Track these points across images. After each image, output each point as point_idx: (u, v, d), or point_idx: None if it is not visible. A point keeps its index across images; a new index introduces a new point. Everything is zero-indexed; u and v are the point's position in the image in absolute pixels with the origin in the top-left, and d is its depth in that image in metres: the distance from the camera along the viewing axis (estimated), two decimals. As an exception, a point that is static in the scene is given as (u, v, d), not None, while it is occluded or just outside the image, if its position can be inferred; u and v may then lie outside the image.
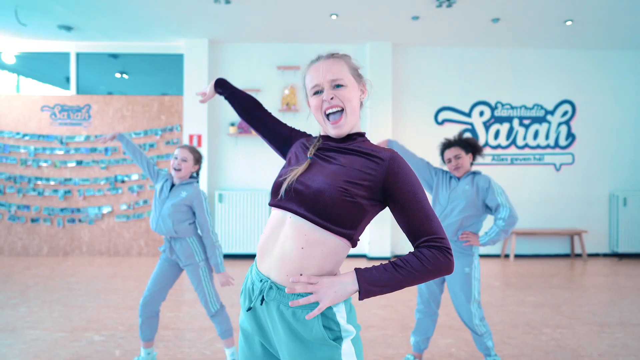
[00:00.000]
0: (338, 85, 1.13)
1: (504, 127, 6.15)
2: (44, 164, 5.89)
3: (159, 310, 2.57)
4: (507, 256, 6.10)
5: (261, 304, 1.05)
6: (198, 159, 2.58)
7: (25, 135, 5.88)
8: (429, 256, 0.99)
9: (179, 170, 2.48)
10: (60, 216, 5.90)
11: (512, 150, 6.17)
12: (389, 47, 5.90)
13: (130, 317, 3.51)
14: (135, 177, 5.95)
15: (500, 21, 5.02)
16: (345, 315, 1.03)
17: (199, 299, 2.62)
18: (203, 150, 5.71)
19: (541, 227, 6.10)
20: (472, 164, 2.58)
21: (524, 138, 6.17)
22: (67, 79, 6.21)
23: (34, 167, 5.89)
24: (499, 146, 6.16)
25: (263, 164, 5.88)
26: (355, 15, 4.87)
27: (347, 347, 1.02)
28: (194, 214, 2.52)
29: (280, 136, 1.35)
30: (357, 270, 1.00)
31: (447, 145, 2.57)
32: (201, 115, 5.79)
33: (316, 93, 1.15)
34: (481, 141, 6.14)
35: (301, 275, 1.00)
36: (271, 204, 1.12)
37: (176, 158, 2.50)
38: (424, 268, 0.99)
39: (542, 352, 2.89)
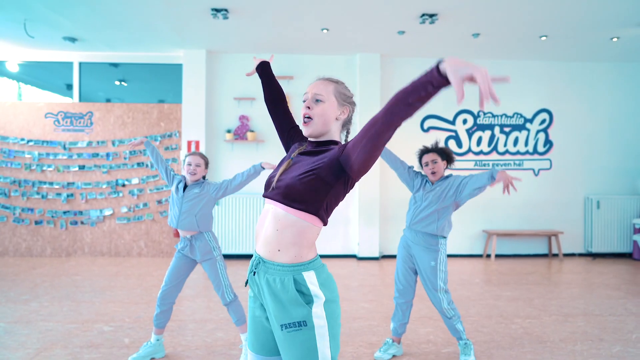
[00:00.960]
0: (317, 100, 1.41)
1: (486, 135, 6.52)
2: (48, 169, 6.15)
3: (174, 302, 2.87)
4: (488, 256, 6.46)
5: (253, 275, 1.36)
6: (207, 163, 2.96)
7: (29, 141, 6.14)
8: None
9: (194, 174, 2.84)
10: (63, 218, 6.16)
11: (494, 156, 6.54)
12: (378, 58, 6.25)
13: (135, 310, 3.79)
14: (135, 181, 6.22)
15: (481, 36, 5.38)
16: (317, 282, 1.30)
17: (214, 289, 2.90)
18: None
19: (521, 229, 6.46)
20: (445, 169, 2.92)
21: (505, 145, 6.54)
22: (68, 87, 6.48)
23: (38, 171, 6.14)
24: (481, 152, 6.52)
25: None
26: (345, 29, 5.21)
27: (317, 310, 1.27)
28: (210, 204, 2.86)
29: (287, 134, 1.69)
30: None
31: (424, 151, 2.92)
32: (199, 122, 6.09)
33: (304, 101, 1.44)
34: (464, 148, 6.51)
35: (279, 250, 1.32)
36: (263, 195, 1.42)
37: (190, 165, 2.84)
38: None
39: (511, 338, 3.22)
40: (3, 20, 4.86)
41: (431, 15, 4.67)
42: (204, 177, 2.93)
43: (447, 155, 2.92)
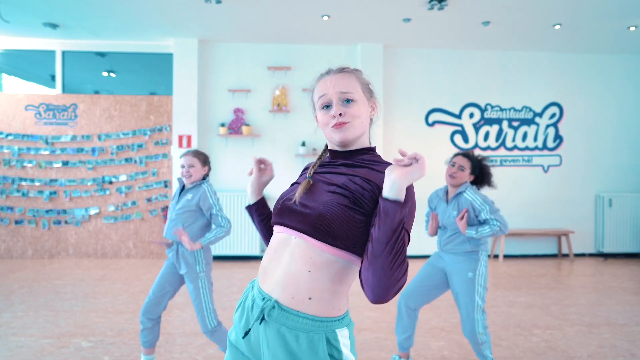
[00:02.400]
0: (348, 100, 1.09)
1: (494, 129, 6.21)
2: (29, 165, 5.77)
3: (160, 317, 2.52)
4: (496, 257, 6.16)
5: (260, 322, 0.99)
6: (205, 161, 2.59)
7: (8, 134, 5.75)
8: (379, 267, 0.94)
9: (190, 176, 2.51)
10: (45, 218, 5.78)
11: (502, 151, 6.22)
12: (380, 48, 5.91)
13: (119, 321, 3.45)
14: (123, 177, 5.86)
15: (491, 24, 5.05)
16: (349, 343, 1.00)
17: (195, 313, 2.54)
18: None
19: (529, 228, 6.17)
20: (471, 183, 2.58)
21: (513, 140, 6.23)
22: (53, 78, 6.09)
23: (18, 167, 5.76)
24: (488, 147, 6.21)
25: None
26: (346, 16, 4.86)
27: None
28: (204, 215, 2.52)
29: None
30: None
31: (462, 154, 2.60)
32: (191, 116, 5.73)
33: (325, 107, 1.12)
34: (471, 143, 6.19)
35: (310, 298, 0.97)
36: (275, 222, 1.09)
37: (183, 167, 2.52)
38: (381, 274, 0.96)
39: (534, 353, 2.92)
40: (-25, 3, 4.46)
41: (440, 1, 4.33)
42: (205, 177, 2.59)
43: (480, 171, 2.60)
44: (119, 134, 5.85)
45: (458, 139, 6.16)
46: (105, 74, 6.27)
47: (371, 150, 1.15)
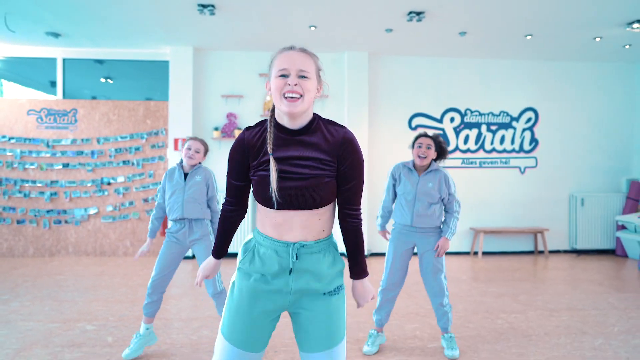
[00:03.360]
0: (303, 77, 1.29)
1: (473, 133, 6.57)
2: (30, 167, 6.03)
3: (164, 291, 2.85)
4: (475, 253, 6.50)
5: (296, 259, 1.34)
6: (206, 151, 2.97)
7: (11, 138, 6.02)
8: (350, 225, 1.44)
9: (192, 159, 2.84)
10: (46, 217, 6.04)
11: (481, 154, 6.58)
12: (366, 56, 6.26)
13: (120, 309, 3.73)
14: (121, 179, 6.14)
15: (467, 35, 5.42)
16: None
17: (206, 280, 2.83)
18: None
19: (507, 227, 6.52)
20: (433, 161, 2.95)
21: (492, 143, 6.60)
22: (53, 84, 6.37)
23: (20, 169, 6.02)
24: (468, 150, 6.56)
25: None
26: (332, 26, 5.20)
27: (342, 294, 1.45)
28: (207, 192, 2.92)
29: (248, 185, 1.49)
30: (353, 278, 1.49)
31: (425, 135, 2.97)
32: (186, 120, 6.03)
33: (282, 76, 1.29)
34: (452, 146, 6.54)
35: (323, 230, 1.40)
36: (271, 207, 1.34)
37: (189, 149, 2.84)
38: (353, 235, 1.47)
39: (497, 333, 3.24)
40: (-17, 14, 4.75)
41: (418, 13, 4.69)
42: (200, 164, 2.93)
43: (440, 149, 2.98)
44: (117, 138, 6.14)
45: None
46: (103, 80, 6.56)
47: (313, 121, 1.37)
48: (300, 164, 1.33)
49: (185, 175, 2.88)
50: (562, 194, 6.65)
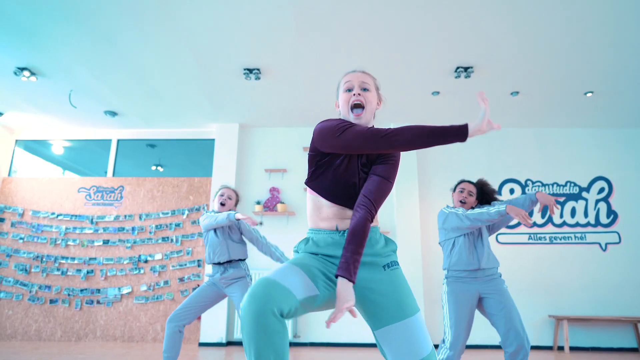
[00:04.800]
0: (365, 89, 1.57)
1: (537, 205, 5.89)
2: (72, 243, 5.94)
3: (182, 330, 2.75)
4: (560, 348, 5.35)
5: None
6: (237, 201, 3.26)
7: (59, 215, 6.06)
8: (358, 213, 1.46)
9: (224, 205, 3.09)
10: (79, 297, 5.74)
11: (550, 228, 5.82)
12: (412, 128, 6.06)
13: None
14: (158, 256, 5.87)
15: (520, 94, 5.15)
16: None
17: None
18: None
19: (597, 314, 5.43)
20: (474, 206, 2.85)
21: (561, 216, 5.86)
22: (105, 173, 6.50)
23: (62, 246, 5.94)
24: (534, 224, 5.84)
25: (287, 239, 5.68)
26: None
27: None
28: (241, 234, 3.13)
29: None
30: (339, 276, 1.37)
31: (467, 181, 2.89)
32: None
33: (348, 91, 1.57)
34: (514, 220, 5.85)
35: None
36: (331, 201, 1.51)
37: (223, 195, 3.12)
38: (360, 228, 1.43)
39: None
40: (50, 90, 5.11)
41: (466, 69, 4.53)
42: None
43: (483, 193, 2.90)
44: (159, 214, 6.03)
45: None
46: (154, 168, 6.65)
47: None
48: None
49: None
50: (659, 275, 5.58)
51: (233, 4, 3.59)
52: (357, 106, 1.53)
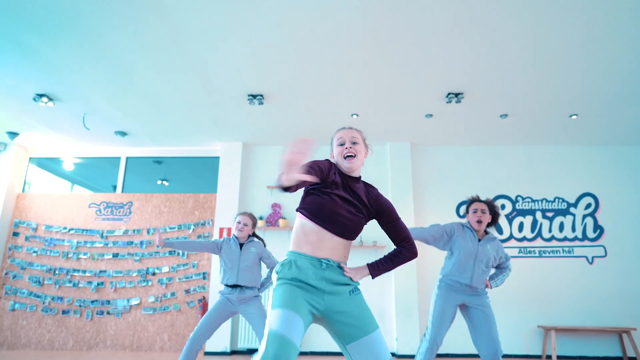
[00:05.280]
0: (354, 143, 1.92)
1: (528, 220, 6.19)
2: (83, 257, 6.23)
3: (200, 348, 2.99)
4: (549, 357, 5.61)
5: (324, 269, 1.76)
6: (254, 224, 3.40)
7: (71, 229, 6.36)
8: (405, 252, 1.92)
9: (241, 232, 3.27)
10: (90, 308, 6.02)
11: (539, 242, 6.10)
12: (408, 146, 6.38)
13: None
14: (165, 269, 6.15)
15: (509, 117, 5.45)
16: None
17: (258, 334, 3.12)
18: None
19: (582, 325, 5.69)
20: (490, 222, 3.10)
21: (550, 230, 6.14)
22: (114, 187, 6.81)
23: (74, 259, 6.23)
24: (524, 238, 6.12)
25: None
26: (373, 113, 5.42)
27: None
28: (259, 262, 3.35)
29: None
30: (368, 265, 1.89)
31: (478, 200, 3.09)
32: (232, 210, 6.17)
33: (340, 145, 1.92)
34: (505, 234, 6.15)
35: (345, 264, 1.85)
36: (321, 225, 1.78)
37: (239, 222, 3.28)
38: (403, 258, 1.92)
39: None
40: (65, 113, 5.42)
41: (457, 94, 4.84)
42: (251, 235, 3.35)
43: (494, 213, 3.11)
44: (166, 228, 6.32)
45: (491, 230, 6.14)
46: (159, 182, 6.97)
47: (359, 179, 1.96)
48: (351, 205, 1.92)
49: (241, 245, 3.28)
50: (643, 287, 5.85)
51: (241, 39, 3.90)
52: (349, 156, 1.89)
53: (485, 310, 2.89)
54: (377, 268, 1.88)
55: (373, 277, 1.87)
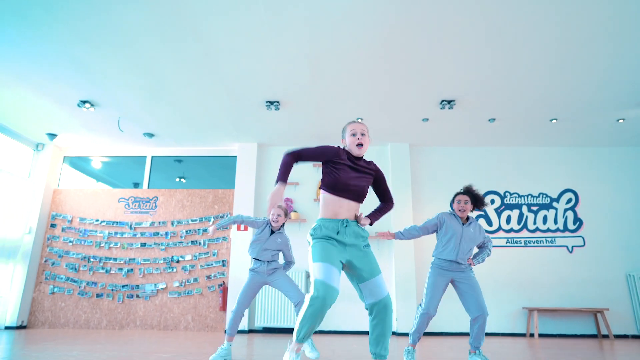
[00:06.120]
0: (363, 134, 2.56)
1: (514, 213, 6.87)
2: (114, 246, 6.92)
3: (243, 315, 3.68)
4: (531, 335, 6.29)
5: (345, 227, 2.43)
6: (286, 214, 3.98)
7: (102, 221, 7.05)
8: (387, 206, 2.70)
9: (276, 222, 3.89)
10: (121, 292, 6.71)
11: (525, 233, 6.79)
12: (407, 147, 7.06)
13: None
14: (188, 257, 6.84)
15: (496, 121, 6.14)
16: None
17: (288, 295, 3.75)
18: (248, 233, 6.65)
19: (562, 306, 6.37)
20: (472, 210, 3.72)
21: (534, 222, 6.83)
22: (135, 185, 7.50)
23: (106, 248, 6.92)
24: (512, 230, 6.80)
25: (300, 242, 6.62)
26: (376, 117, 6.10)
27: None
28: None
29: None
30: (367, 216, 2.57)
31: (462, 192, 3.76)
32: (248, 205, 6.86)
33: (353, 135, 2.56)
34: (494, 226, 6.83)
35: (360, 214, 2.54)
36: (339, 195, 2.45)
37: (274, 214, 3.89)
38: (386, 209, 2.69)
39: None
40: (102, 116, 6.11)
41: (449, 102, 5.52)
42: (282, 225, 3.99)
43: (475, 199, 3.75)
44: (188, 220, 7.01)
45: (482, 222, 6.84)
46: (177, 180, 7.66)
47: (363, 158, 2.64)
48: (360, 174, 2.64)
49: (272, 232, 3.93)
50: (617, 273, 6.53)
51: (262, 54, 4.59)
52: (360, 145, 2.54)
53: (470, 282, 3.51)
54: (374, 217, 2.60)
55: (371, 224, 2.56)
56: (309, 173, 7.10)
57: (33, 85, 5.20)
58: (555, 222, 6.82)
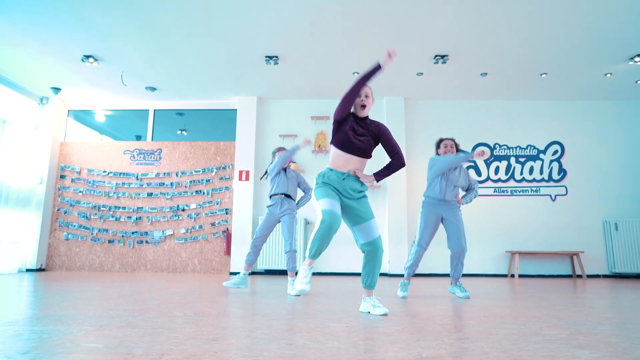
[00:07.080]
0: (367, 96, 2.77)
1: (503, 164, 7.23)
2: (122, 196, 7.29)
3: (261, 248, 4.11)
4: (512, 276, 6.84)
5: (343, 180, 2.69)
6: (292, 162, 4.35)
7: (110, 172, 7.37)
8: (396, 162, 2.80)
9: (365, 107, 4.18)
10: (131, 238, 7.16)
11: (512, 183, 7.18)
12: (402, 100, 7.28)
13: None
14: (193, 206, 7.24)
15: (488, 75, 6.34)
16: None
17: (284, 238, 4.11)
18: (250, 183, 7.02)
19: (541, 250, 6.88)
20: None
21: (521, 173, 7.20)
22: (137, 137, 7.76)
23: (114, 198, 7.29)
24: (499, 180, 7.19)
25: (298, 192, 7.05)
26: (372, 73, 6.29)
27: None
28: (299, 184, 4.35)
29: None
30: (374, 173, 2.75)
31: (447, 139, 4.06)
32: (249, 156, 7.17)
33: (358, 96, 2.73)
34: (483, 176, 7.21)
35: (357, 170, 2.74)
36: (344, 151, 2.69)
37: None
38: (395, 166, 2.79)
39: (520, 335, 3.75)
40: (105, 71, 6.27)
41: (442, 56, 5.70)
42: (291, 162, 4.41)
43: (456, 144, 4.10)
44: (192, 171, 7.34)
45: (472, 172, 7.21)
46: (179, 132, 7.92)
47: (367, 118, 2.84)
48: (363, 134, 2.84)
49: (285, 169, 4.31)
50: (595, 220, 7.00)
51: (262, 9, 4.72)
52: (363, 106, 2.75)
53: (456, 222, 3.86)
54: (380, 175, 2.76)
55: (377, 181, 2.76)
56: (306, 124, 7.36)
57: (37, 40, 5.33)
58: (541, 172, 7.19)
